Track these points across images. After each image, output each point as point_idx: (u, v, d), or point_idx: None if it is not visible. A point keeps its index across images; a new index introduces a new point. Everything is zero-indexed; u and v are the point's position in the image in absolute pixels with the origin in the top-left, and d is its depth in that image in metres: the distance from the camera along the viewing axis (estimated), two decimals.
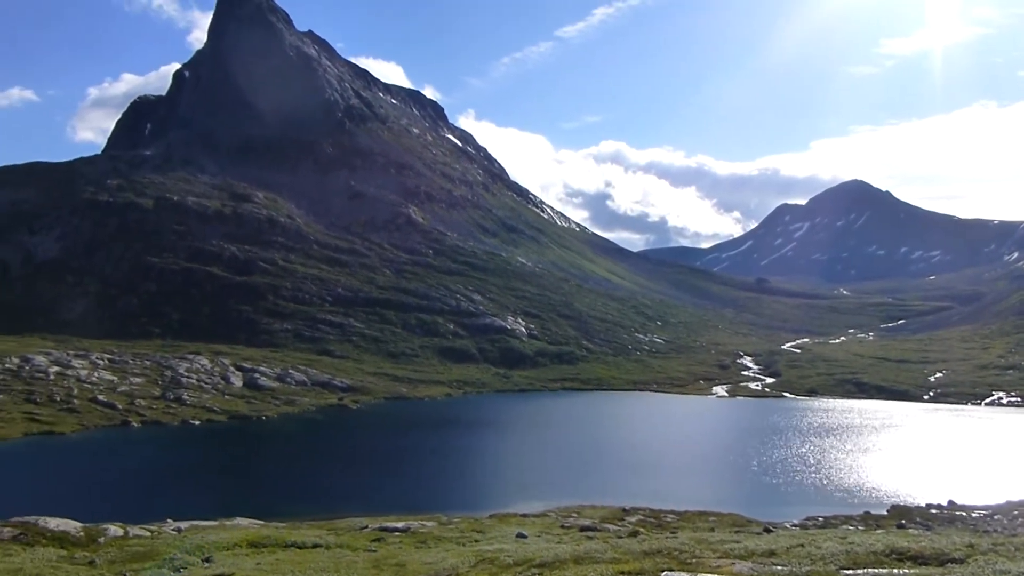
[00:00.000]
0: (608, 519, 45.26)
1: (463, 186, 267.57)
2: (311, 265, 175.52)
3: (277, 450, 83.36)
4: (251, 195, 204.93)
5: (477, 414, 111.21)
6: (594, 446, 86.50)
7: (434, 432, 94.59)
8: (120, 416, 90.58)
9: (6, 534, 30.03)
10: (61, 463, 73.08)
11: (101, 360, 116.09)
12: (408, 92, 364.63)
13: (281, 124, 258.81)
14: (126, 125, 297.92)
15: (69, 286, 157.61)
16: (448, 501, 56.05)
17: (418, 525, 37.86)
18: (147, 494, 61.25)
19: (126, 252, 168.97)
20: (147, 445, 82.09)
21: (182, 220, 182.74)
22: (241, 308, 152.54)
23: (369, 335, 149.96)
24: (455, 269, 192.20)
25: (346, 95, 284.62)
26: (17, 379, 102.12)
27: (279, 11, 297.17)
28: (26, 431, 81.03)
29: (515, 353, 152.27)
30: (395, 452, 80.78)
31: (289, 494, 59.01)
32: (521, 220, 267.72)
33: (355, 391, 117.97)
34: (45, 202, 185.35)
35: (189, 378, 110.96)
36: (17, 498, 53.33)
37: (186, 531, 34.65)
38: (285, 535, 33.06)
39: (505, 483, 67.96)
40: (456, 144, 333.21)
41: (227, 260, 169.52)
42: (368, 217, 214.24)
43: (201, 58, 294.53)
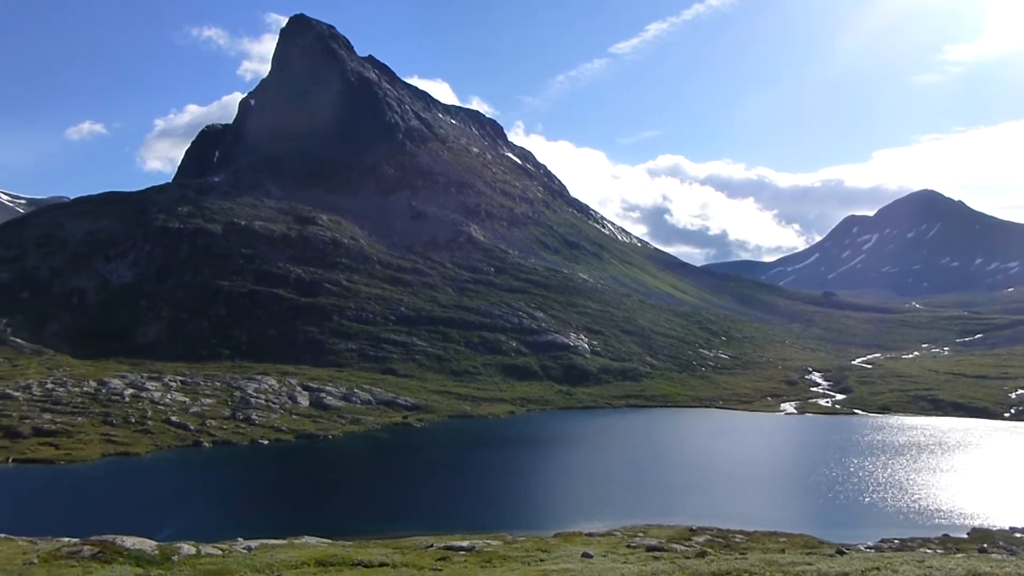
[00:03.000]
0: (675, 539, 44.44)
1: (523, 203, 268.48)
2: (374, 285, 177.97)
3: (343, 469, 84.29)
4: (315, 218, 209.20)
5: (540, 432, 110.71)
6: (659, 464, 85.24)
7: (497, 450, 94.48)
8: (192, 436, 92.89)
9: (86, 552, 30.95)
10: (136, 483, 75.25)
11: (173, 382, 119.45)
12: (467, 112, 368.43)
13: (344, 147, 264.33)
14: (195, 153, 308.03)
15: (143, 311, 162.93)
16: (512, 520, 55.79)
17: (483, 544, 37.74)
18: (218, 513, 62.55)
19: (196, 276, 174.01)
20: (218, 465, 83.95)
21: (249, 244, 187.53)
22: (307, 329, 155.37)
23: (432, 354, 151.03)
24: (517, 286, 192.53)
25: (406, 117, 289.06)
26: (95, 402, 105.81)
27: (340, 37, 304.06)
28: (104, 452, 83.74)
29: (578, 370, 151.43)
30: (459, 470, 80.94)
31: (355, 513, 59.59)
32: (582, 236, 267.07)
33: (419, 409, 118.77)
34: (119, 230, 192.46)
35: (258, 398, 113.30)
36: (95, 517, 55.01)
37: (256, 550, 35.16)
38: (352, 554, 33.30)
39: (569, 502, 67.34)
40: (516, 162, 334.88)
41: (293, 282, 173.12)
42: (430, 236, 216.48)
43: (265, 86, 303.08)
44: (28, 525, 45.96)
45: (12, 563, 29.31)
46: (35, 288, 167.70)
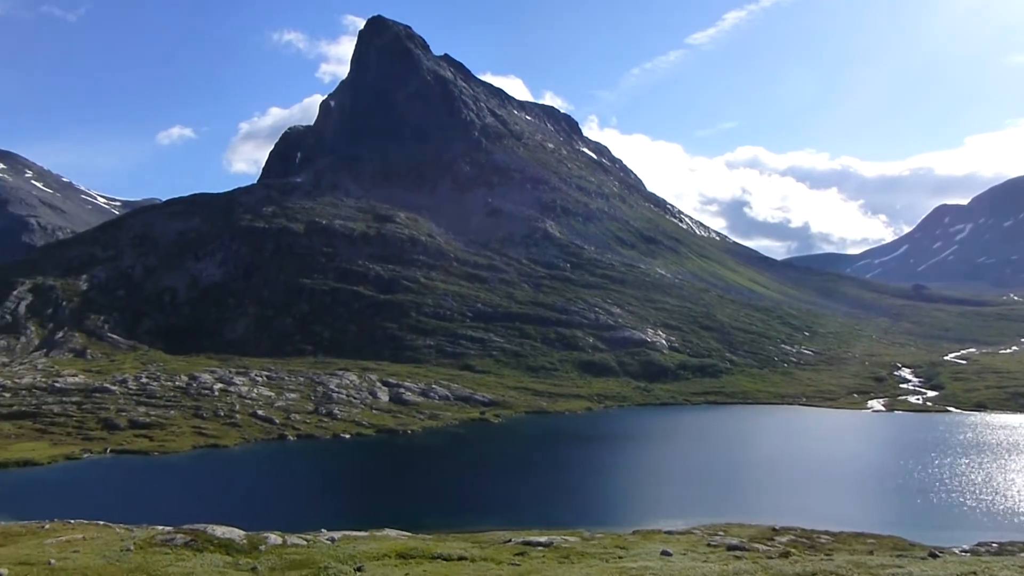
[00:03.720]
0: (757, 538, 43.50)
1: (599, 199, 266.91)
2: (451, 282, 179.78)
3: (422, 463, 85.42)
4: (393, 216, 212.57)
5: (618, 428, 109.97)
6: (740, 462, 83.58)
7: (575, 446, 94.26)
8: (277, 430, 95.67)
9: (179, 540, 32.20)
10: (225, 474, 77.96)
11: (260, 377, 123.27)
12: (542, 108, 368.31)
13: (421, 146, 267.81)
14: (278, 155, 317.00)
15: (230, 308, 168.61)
16: (590, 516, 55.58)
17: (561, 540, 37.70)
18: (303, 504, 64.24)
19: (280, 274, 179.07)
20: (302, 457, 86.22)
21: (330, 243, 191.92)
22: (386, 325, 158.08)
23: (509, 350, 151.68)
24: (593, 282, 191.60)
25: (482, 114, 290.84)
26: (186, 396, 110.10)
27: (416, 38, 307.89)
28: (195, 444, 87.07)
29: (656, 366, 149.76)
30: (537, 466, 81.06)
31: (435, 506, 60.30)
32: (659, 231, 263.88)
33: (496, 405, 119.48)
34: (208, 230, 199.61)
35: (339, 393, 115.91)
36: (187, 506, 57.23)
37: (339, 541, 35.93)
38: (432, 547, 33.71)
39: (648, 499, 66.70)
40: (591, 157, 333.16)
41: (372, 279, 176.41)
42: (506, 233, 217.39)
43: (345, 88, 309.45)
44: (125, 513, 48.08)
45: (110, 549, 30.71)
46: (130, 287, 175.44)
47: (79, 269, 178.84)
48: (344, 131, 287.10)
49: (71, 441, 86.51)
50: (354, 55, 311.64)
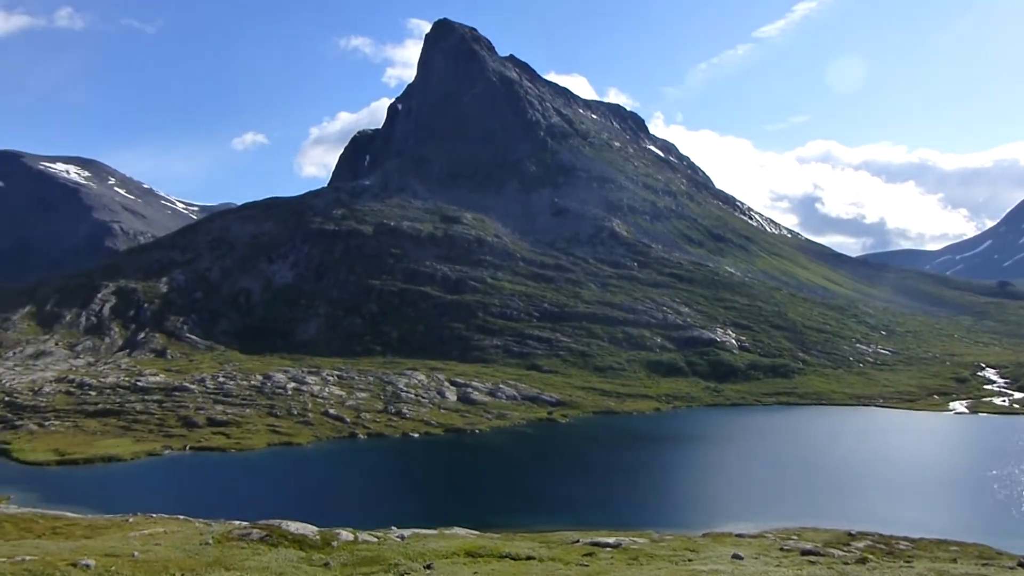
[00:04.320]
0: (832, 543, 42.36)
1: (666, 197, 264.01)
2: (518, 282, 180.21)
3: (490, 463, 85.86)
4: (460, 217, 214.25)
5: (687, 429, 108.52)
6: (814, 465, 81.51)
7: (643, 446, 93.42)
8: (348, 428, 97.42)
9: (255, 535, 33.09)
10: (298, 471, 79.76)
11: (331, 376, 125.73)
12: (608, 106, 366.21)
13: (487, 147, 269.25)
14: (347, 158, 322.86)
15: (302, 309, 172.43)
16: (659, 517, 55.01)
17: (629, 541, 37.42)
18: (373, 502, 65.27)
19: (350, 276, 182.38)
20: (372, 456, 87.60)
21: (398, 244, 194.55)
22: (453, 325, 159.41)
23: (576, 349, 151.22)
24: (661, 281, 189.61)
25: (547, 114, 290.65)
26: (261, 394, 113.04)
27: (482, 39, 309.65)
28: (269, 442, 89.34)
29: (725, 366, 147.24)
30: (604, 466, 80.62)
31: (502, 506, 60.53)
32: (728, 228, 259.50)
33: (564, 405, 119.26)
34: (281, 233, 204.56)
35: (408, 393, 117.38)
36: (262, 502, 58.76)
37: (409, 539, 36.40)
38: (500, 546, 33.86)
39: (718, 501, 65.64)
40: (658, 155, 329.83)
41: (440, 280, 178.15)
42: (572, 232, 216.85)
43: (411, 90, 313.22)
44: (203, 508, 49.65)
45: (190, 543, 31.74)
46: (207, 288, 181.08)
47: (159, 272, 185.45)
48: (411, 134, 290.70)
49: (153, 438, 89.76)
50: (420, 58, 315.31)
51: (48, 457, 79.44)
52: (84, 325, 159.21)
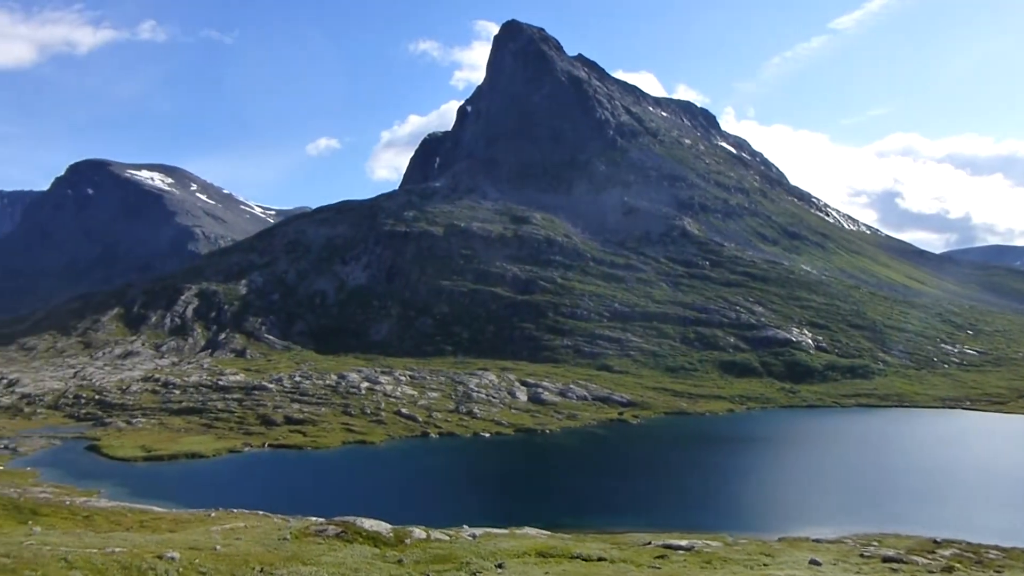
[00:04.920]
0: (915, 551, 40.92)
1: (739, 194, 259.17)
2: (588, 282, 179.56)
3: (561, 463, 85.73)
4: (530, 217, 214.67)
5: (762, 430, 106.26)
6: (896, 469, 78.80)
7: (716, 448, 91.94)
8: (420, 428, 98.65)
9: (331, 531, 33.85)
10: (372, 469, 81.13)
11: (403, 376, 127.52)
12: (678, 103, 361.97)
13: (556, 147, 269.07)
14: (418, 160, 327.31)
15: (375, 310, 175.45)
16: (733, 521, 54.03)
17: (702, 544, 36.91)
18: (444, 500, 65.90)
19: (421, 277, 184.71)
20: (443, 455, 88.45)
21: (468, 245, 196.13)
22: (523, 326, 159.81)
23: (647, 350, 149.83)
24: (734, 280, 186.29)
25: (616, 113, 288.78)
26: (336, 393, 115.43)
27: (550, 39, 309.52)
28: (344, 440, 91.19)
29: (801, 367, 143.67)
30: (677, 467, 79.66)
31: (573, 506, 60.36)
32: (803, 226, 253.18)
33: (635, 406, 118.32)
34: (354, 235, 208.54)
35: (479, 393, 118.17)
36: (337, 499, 60.00)
37: (480, 538, 36.66)
38: (571, 547, 33.83)
39: (794, 505, 64.09)
40: (730, 151, 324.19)
41: (510, 280, 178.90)
42: (642, 232, 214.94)
43: (480, 92, 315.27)
44: (281, 504, 51.01)
45: (269, 538, 32.65)
46: (284, 290, 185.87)
47: (239, 275, 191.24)
48: (481, 135, 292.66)
49: (233, 435, 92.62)
50: (489, 60, 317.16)
51: (135, 453, 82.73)
52: (169, 326, 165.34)
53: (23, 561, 20.35)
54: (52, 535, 30.66)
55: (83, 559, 21.98)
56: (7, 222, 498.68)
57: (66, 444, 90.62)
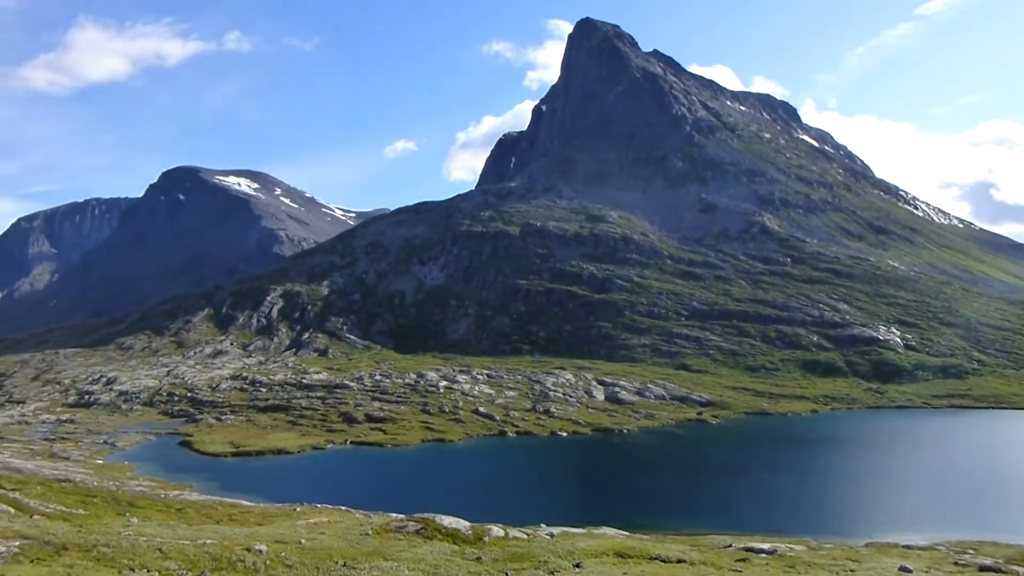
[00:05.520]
0: (1016, 560, 39.04)
1: (822, 188, 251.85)
2: (665, 280, 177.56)
3: (638, 463, 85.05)
4: (606, 215, 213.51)
5: (847, 432, 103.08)
6: (993, 473, 75.33)
7: (799, 450, 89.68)
8: (498, 426, 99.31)
9: (411, 528, 34.42)
10: (450, 467, 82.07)
11: (480, 375, 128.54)
12: (757, 96, 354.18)
13: (632, 144, 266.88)
14: (494, 161, 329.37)
15: (452, 309, 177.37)
16: (817, 524, 52.63)
17: (785, 548, 36.09)
18: (522, 499, 66.17)
19: (498, 276, 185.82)
20: (521, 453, 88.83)
21: (544, 244, 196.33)
22: (600, 324, 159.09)
23: (727, 349, 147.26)
24: (816, 277, 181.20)
25: (693, 108, 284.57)
26: (414, 392, 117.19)
27: (625, 36, 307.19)
28: (423, 438, 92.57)
29: (889, 366, 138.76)
30: (758, 469, 78.00)
31: (651, 506, 59.82)
32: (890, 220, 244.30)
33: (714, 405, 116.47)
34: (431, 236, 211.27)
35: (556, 392, 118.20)
36: (417, 496, 60.91)
37: (557, 537, 36.69)
38: (650, 547, 33.55)
39: (883, 509, 61.95)
40: (812, 144, 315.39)
41: (586, 279, 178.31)
42: (721, 228, 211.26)
43: (555, 91, 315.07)
44: (362, 500, 52.09)
45: (351, 533, 33.42)
46: (364, 290, 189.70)
47: (321, 276, 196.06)
48: (556, 134, 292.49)
49: (316, 432, 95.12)
50: (563, 58, 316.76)
51: (225, 449, 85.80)
52: (255, 326, 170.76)
53: (121, 551, 21.39)
54: (148, 526, 32.09)
55: (176, 550, 22.96)
56: (105, 228, 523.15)
57: (160, 440, 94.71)
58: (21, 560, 17.81)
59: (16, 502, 33.31)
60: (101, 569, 17.85)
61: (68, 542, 21.33)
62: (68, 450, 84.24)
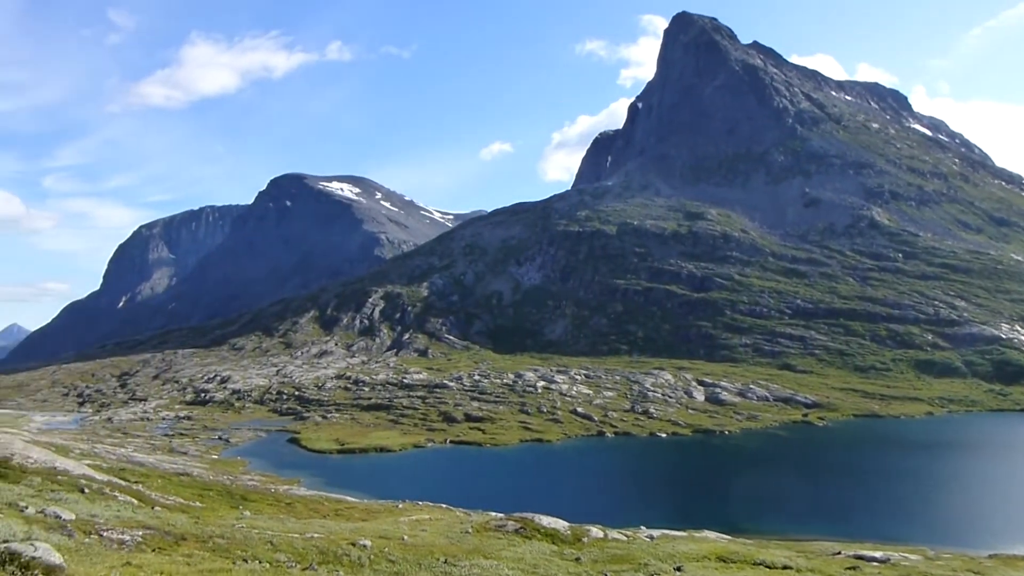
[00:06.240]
0: None
1: (935, 179, 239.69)
2: (767, 278, 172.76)
3: (741, 465, 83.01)
4: (704, 213, 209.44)
5: (967, 436, 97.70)
6: None
7: (913, 454, 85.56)
8: (596, 427, 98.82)
9: (510, 527, 34.65)
10: (548, 467, 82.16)
11: (578, 376, 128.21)
12: (863, 85, 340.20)
13: (731, 139, 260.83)
14: (590, 160, 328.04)
15: (549, 309, 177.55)
16: (934, 533, 50.12)
17: (899, 557, 34.55)
18: (621, 500, 65.64)
19: (595, 276, 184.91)
20: (619, 454, 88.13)
21: (642, 243, 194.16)
22: (700, 324, 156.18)
23: (833, 348, 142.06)
24: (930, 273, 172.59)
25: (795, 100, 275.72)
26: (512, 392, 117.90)
27: (723, 28, 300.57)
28: (521, 438, 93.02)
29: (1014, 366, 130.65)
30: (868, 474, 74.87)
31: (755, 510, 58.28)
32: (1013, 211, 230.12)
33: (820, 407, 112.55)
34: (528, 237, 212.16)
35: (654, 392, 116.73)
36: (516, 496, 61.24)
37: (658, 539, 36.25)
38: (753, 553, 32.72)
39: (1010, 519, 58.39)
40: (924, 134, 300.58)
41: (684, 278, 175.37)
42: (826, 224, 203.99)
43: (651, 88, 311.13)
44: (462, 498, 52.73)
45: (452, 531, 33.91)
46: (463, 291, 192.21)
47: (420, 277, 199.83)
48: (652, 131, 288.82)
49: (417, 431, 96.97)
50: (660, 54, 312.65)
51: (330, 446, 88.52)
52: (358, 327, 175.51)
53: (235, 542, 22.36)
54: (259, 519, 33.43)
55: (286, 543, 23.84)
56: (219, 234, 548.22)
57: (270, 436, 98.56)
58: (144, 549, 18.85)
59: (139, 494, 35.29)
60: (217, 559, 18.70)
61: (186, 532, 22.45)
62: (186, 445, 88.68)
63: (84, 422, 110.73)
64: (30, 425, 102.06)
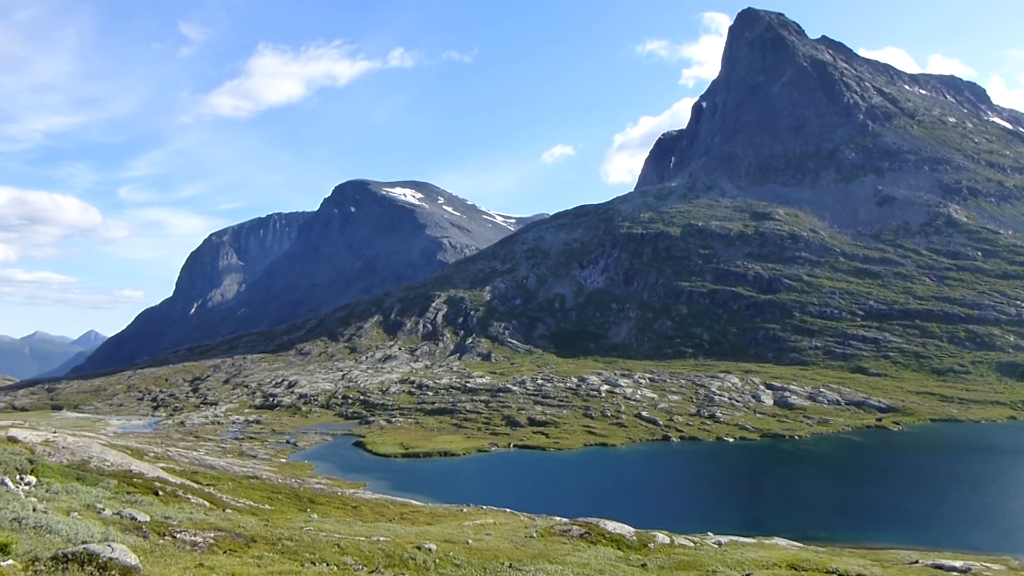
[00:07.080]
0: None
1: (1017, 175, 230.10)
2: (838, 278, 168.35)
3: (812, 471, 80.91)
4: (771, 212, 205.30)
5: None
6: None
7: (994, 460, 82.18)
8: (661, 431, 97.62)
9: (575, 531, 34.43)
10: (612, 471, 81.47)
11: (643, 379, 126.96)
12: (939, 78, 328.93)
13: (799, 137, 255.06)
14: (653, 161, 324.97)
15: (613, 312, 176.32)
16: (1017, 542, 48.01)
17: (980, 567, 33.15)
18: (687, 505, 64.68)
19: (659, 278, 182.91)
20: (685, 459, 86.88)
21: (707, 244, 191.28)
22: (767, 326, 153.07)
23: (909, 350, 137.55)
24: (1013, 272, 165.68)
25: (867, 95, 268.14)
26: (576, 396, 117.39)
27: (790, 24, 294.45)
28: (585, 442, 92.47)
29: None
30: (947, 480, 72.19)
31: (826, 517, 56.71)
32: None
33: (895, 411, 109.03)
34: (590, 239, 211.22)
35: (721, 396, 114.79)
36: (579, 500, 60.92)
37: (726, 546, 35.56)
38: (825, 561, 31.83)
39: None
40: (1005, 127, 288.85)
41: (751, 279, 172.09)
42: (900, 222, 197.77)
43: (715, 87, 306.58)
44: (526, 502, 52.68)
45: (516, 535, 33.85)
46: (525, 295, 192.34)
47: (483, 281, 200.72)
48: (717, 130, 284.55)
49: (481, 435, 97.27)
50: (724, 52, 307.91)
51: (395, 450, 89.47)
52: (421, 332, 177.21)
53: (303, 544, 22.71)
54: (326, 522, 33.94)
55: (353, 546, 24.10)
56: (286, 240, 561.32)
57: (336, 440, 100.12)
58: (216, 551, 19.27)
59: (211, 496, 36.19)
60: (286, 561, 19.01)
61: (256, 535, 22.89)
62: (255, 449, 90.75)
63: (158, 426, 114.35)
64: (107, 429, 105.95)
